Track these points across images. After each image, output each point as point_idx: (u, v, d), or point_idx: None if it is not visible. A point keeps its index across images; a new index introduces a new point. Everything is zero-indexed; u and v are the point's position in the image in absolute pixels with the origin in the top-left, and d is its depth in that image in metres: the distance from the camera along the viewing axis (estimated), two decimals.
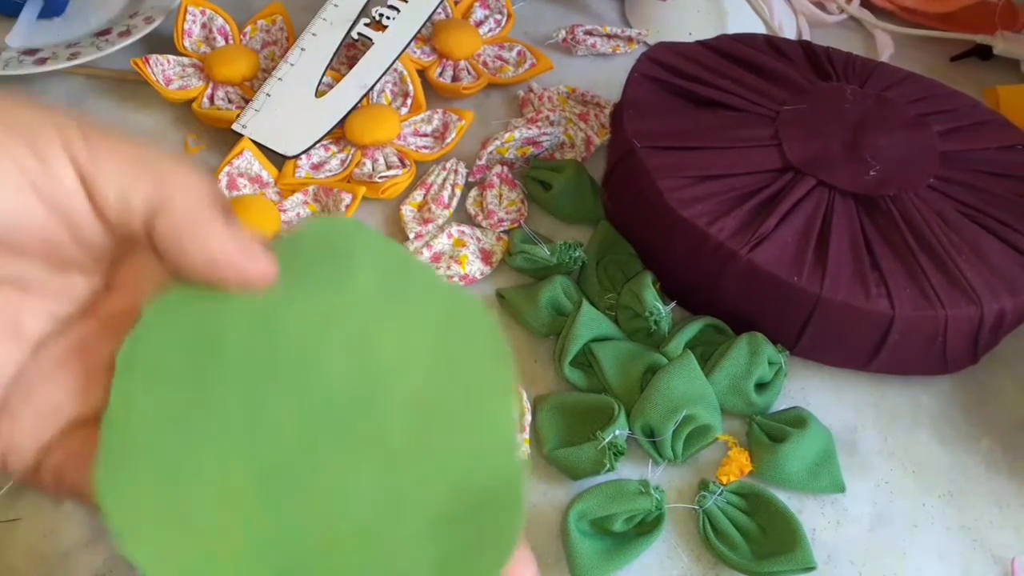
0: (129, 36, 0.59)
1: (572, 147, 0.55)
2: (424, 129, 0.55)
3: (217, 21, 0.60)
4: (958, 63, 0.66)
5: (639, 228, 0.49)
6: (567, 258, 0.47)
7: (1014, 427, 0.45)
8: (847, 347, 0.44)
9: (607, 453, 0.40)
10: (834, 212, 0.45)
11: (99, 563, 0.38)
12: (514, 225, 0.51)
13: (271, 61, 0.59)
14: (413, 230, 0.50)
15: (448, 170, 0.52)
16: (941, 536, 0.41)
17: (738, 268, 0.43)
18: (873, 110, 0.50)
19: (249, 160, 0.51)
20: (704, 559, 0.40)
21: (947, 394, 0.46)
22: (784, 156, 0.47)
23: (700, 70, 0.52)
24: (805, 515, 0.41)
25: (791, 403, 0.45)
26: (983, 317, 0.42)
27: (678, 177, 0.46)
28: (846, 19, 0.70)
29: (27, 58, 0.57)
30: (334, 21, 0.57)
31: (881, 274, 0.43)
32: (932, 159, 0.48)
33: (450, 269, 0.48)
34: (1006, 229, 0.45)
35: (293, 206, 0.50)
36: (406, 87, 0.57)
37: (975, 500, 0.42)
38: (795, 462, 0.41)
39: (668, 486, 0.41)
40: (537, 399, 0.44)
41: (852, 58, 0.54)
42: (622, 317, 0.46)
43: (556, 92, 0.59)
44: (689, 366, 0.42)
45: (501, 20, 0.64)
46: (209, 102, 0.56)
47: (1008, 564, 0.40)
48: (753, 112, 0.50)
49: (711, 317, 0.46)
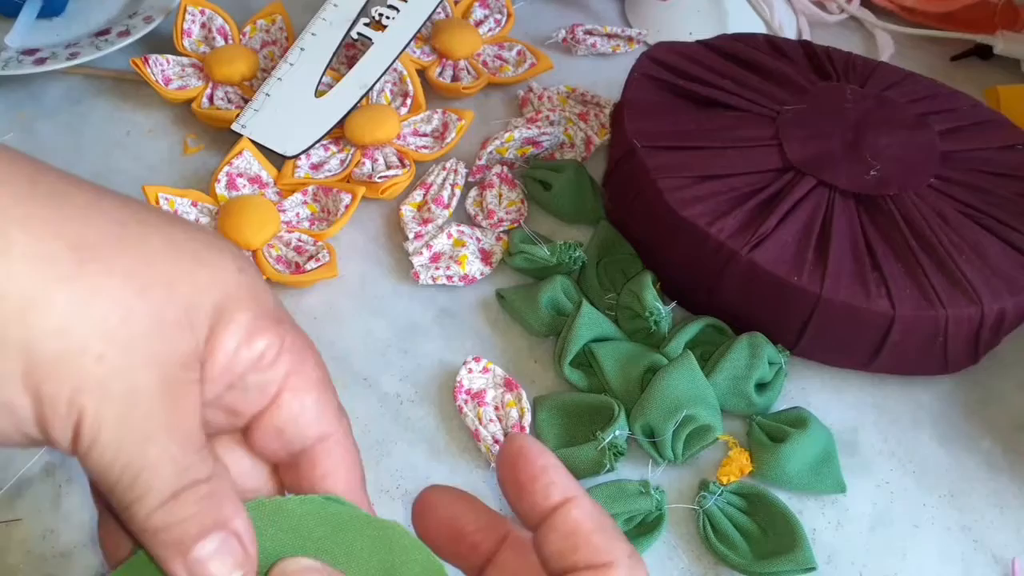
0: (128, 36, 0.58)
1: (572, 147, 0.55)
2: (424, 129, 0.55)
3: (216, 21, 0.60)
4: (958, 63, 0.66)
5: (639, 228, 0.49)
6: (567, 258, 0.47)
7: (1014, 427, 0.45)
8: (847, 347, 0.44)
9: (607, 453, 0.40)
10: (834, 212, 0.45)
11: (99, 563, 0.38)
12: (514, 225, 0.51)
13: (270, 61, 0.59)
14: (413, 230, 0.50)
15: (448, 170, 0.52)
16: (941, 536, 0.41)
17: (738, 268, 0.43)
18: (873, 110, 0.50)
19: (248, 160, 0.51)
20: (704, 559, 0.39)
21: (947, 394, 0.46)
22: (784, 156, 0.47)
23: (700, 70, 0.52)
24: (805, 515, 0.41)
25: (791, 403, 0.45)
26: (983, 317, 0.42)
27: (678, 177, 0.46)
28: (846, 19, 0.70)
29: (26, 58, 0.57)
30: (334, 21, 0.57)
31: (881, 274, 0.43)
32: (932, 159, 0.48)
33: (450, 269, 0.48)
34: (1006, 229, 0.45)
35: (292, 206, 0.50)
36: (406, 87, 0.57)
37: (975, 500, 0.42)
38: (795, 462, 0.41)
39: (668, 486, 0.41)
40: (537, 399, 0.44)
41: (852, 58, 0.54)
42: (622, 317, 0.46)
43: (556, 92, 0.59)
44: (689, 366, 0.42)
45: (501, 20, 0.64)
46: (208, 102, 0.56)
47: (1008, 564, 0.40)
48: (753, 112, 0.49)
49: (711, 317, 0.46)
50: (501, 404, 0.43)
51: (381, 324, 0.47)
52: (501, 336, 0.47)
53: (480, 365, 0.44)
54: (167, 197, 0.48)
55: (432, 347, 0.46)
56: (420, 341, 0.47)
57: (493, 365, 0.45)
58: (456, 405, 0.43)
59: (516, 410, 0.43)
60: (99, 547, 0.23)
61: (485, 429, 0.42)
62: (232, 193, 0.50)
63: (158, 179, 0.53)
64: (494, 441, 0.41)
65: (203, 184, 0.52)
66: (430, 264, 0.48)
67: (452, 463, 0.42)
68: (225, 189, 0.50)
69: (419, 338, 0.47)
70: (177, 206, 0.49)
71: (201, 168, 0.54)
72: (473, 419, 0.42)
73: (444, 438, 0.43)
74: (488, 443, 0.42)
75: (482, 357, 0.45)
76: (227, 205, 0.49)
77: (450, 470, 0.42)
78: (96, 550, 0.38)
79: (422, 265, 0.48)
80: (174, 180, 0.53)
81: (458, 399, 0.43)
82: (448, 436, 0.43)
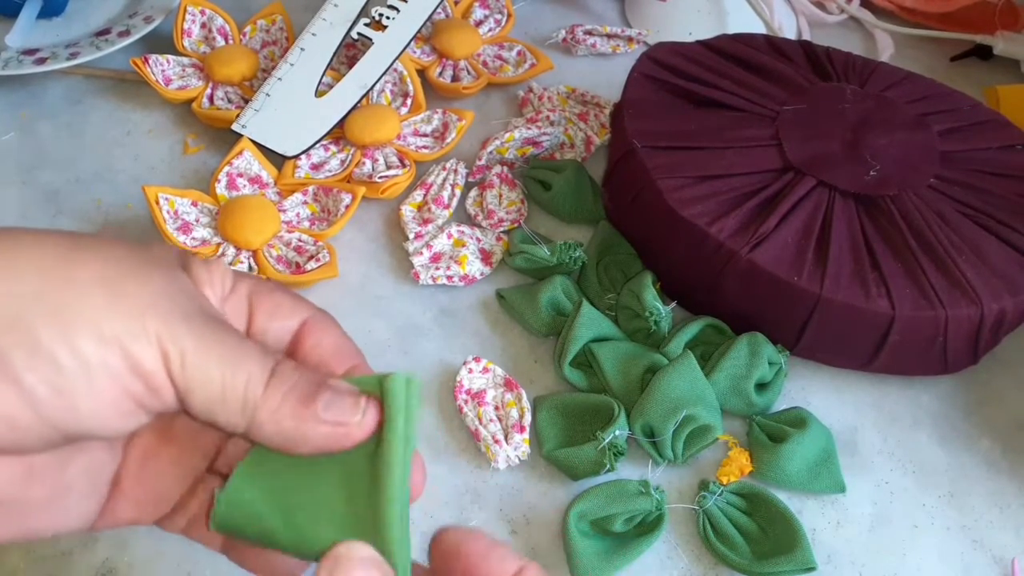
0: (128, 36, 0.58)
1: (572, 147, 0.55)
2: (424, 129, 0.55)
3: (217, 21, 0.60)
4: (958, 63, 0.66)
5: (639, 228, 0.49)
6: (567, 258, 0.47)
7: (1014, 427, 0.45)
8: (847, 347, 0.44)
9: (607, 453, 0.40)
10: (834, 212, 0.45)
11: (99, 563, 0.38)
12: (514, 225, 0.51)
13: (271, 61, 0.59)
14: (413, 230, 0.50)
15: (448, 170, 0.52)
16: (941, 536, 0.41)
17: (738, 268, 0.43)
18: (873, 110, 0.50)
19: (249, 160, 0.51)
20: (704, 559, 0.39)
21: (947, 394, 0.46)
22: (784, 156, 0.47)
23: (700, 70, 0.52)
24: (805, 515, 0.41)
25: (791, 403, 0.45)
26: (983, 317, 0.42)
27: (678, 177, 0.46)
28: (846, 19, 0.70)
29: (27, 58, 0.57)
30: (334, 21, 0.57)
31: (881, 274, 0.43)
32: (932, 159, 0.48)
33: (450, 269, 0.48)
34: (1006, 229, 0.45)
35: (293, 206, 0.50)
36: (406, 87, 0.57)
37: (975, 500, 0.42)
38: (795, 462, 0.41)
39: (668, 486, 0.41)
40: (537, 399, 0.44)
41: (852, 58, 0.54)
42: (622, 317, 0.46)
43: (556, 92, 0.59)
44: (689, 366, 0.42)
45: (501, 20, 0.64)
46: (209, 102, 0.56)
47: (1008, 564, 0.40)
48: (753, 112, 0.49)
49: (711, 317, 0.46)
50: (501, 404, 0.43)
51: (381, 324, 0.47)
52: (501, 336, 0.47)
53: (480, 365, 0.44)
54: (167, 197, 0.48)
55: (432, 347, 0.46)
56: (420, 341, 0.47)
57: (493, 365, 0.45)
58: (456, 405, 0.43)
59: (516, 410, 0.43)
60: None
61: (485, 429, 0.42)
62: (232, 193, 0.50)
63: (158, 179, 0.54)
64: (494, 441, 0.41)
65: (203, 184, 0.52)
66: (430, 264, 0.48)
67: (452, 463, 0.42)
68: (225, 189, 0.50)
69: (419, 338, 0.47)
70: (177, 206, 0.49)
71: (201, 168, 0.54)
72: (473, 419, 0.42)
73: (444, 438, 0.43)
74: (488, 443, 0.42)
75: (482, 357, 0.45)
76: (227, 205, 0.49)
77: (450, 470, 0.42)
78: (96, 550, 0.38)
79: (422, 265, 0.48)
80: (174, 180, 0.53)
81: (458, 399, 0.43)
82: (448, 436, 0.43)
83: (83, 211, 0.52)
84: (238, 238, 0.47)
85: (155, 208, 0.47)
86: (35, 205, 0.52)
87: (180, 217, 0.48)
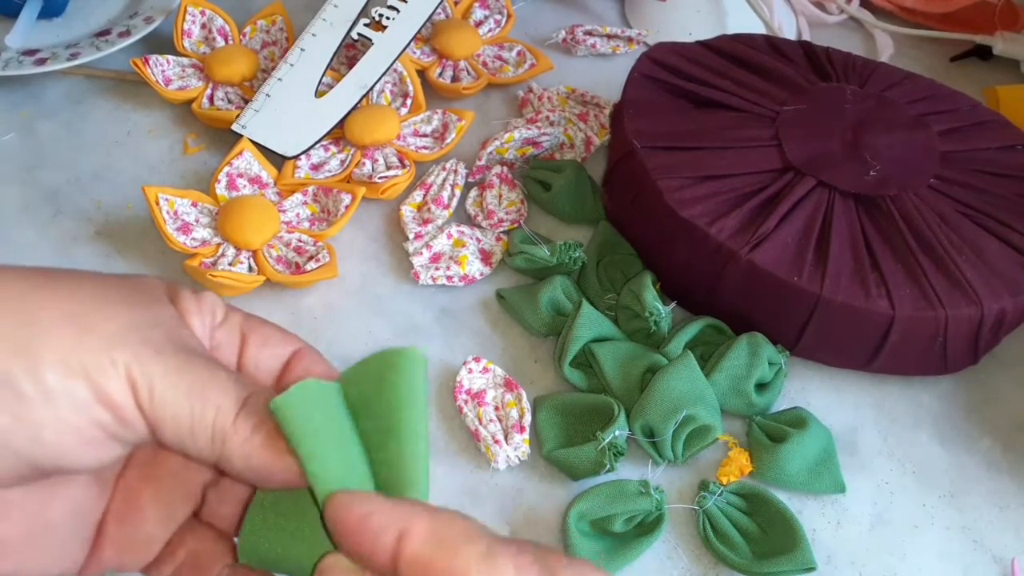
0: (129, 36, 0.59)
1: (572, 147, 0.55)
2: (424, 129, 0.55)
3: (217, 21, 0.60)
4: (958, 63, 0.66)
5: (639, 228, 0.49)
6: (567, 258, 0.47)
7: (1014, 427, 0.45)
8: (847, 347, 0.44)
9: (607, 453, 0.40)
10: (834, 212, 0.45)
11: None
12: (514, 225, 0.51)
13: (271, 61, 0.59)
14: (413, 230, 0.50)
15: (448, 170, 0.52)
16: (941, 536, 0.41)
17: (738, 268, 0.43)
18: (873, 110, 0.50)
19: (248, 160, 0.51)
20: (704, 559, 0.39)
21: (947, 394, 0.46)
22: (784, 156, 0.47)
23: (700, 70, 0.52)
24: (805, 515, 0.41)
25: (791, 403, 0.45)
26: (983, 317, 0.42)
27: (678, 177, 0.46)
28: (846, 19, 0.70)
29: (27, 58, 0.57)
30: (334, 21, 0.57)
31: (881, 274, 0.43)
32: (932, 159, 0.48)
33: (450, 270, 0.48)
34: (1006, 229, 0.45)
35: (292, 206, 0.50)
36: (406, 87, 0.57)
37: (975, 500, 0.42)
38: (795, 462, 0.41)
39: (668, 486, 0.41)
40: (537, 399, 0.44)
41: (852, 58, 0.54)
42: (622, 317, 0.46)
43: (556, 92, 0.59)
44: (689, 366, 0.42)
45: (501, 20, 0.64)
46: (209, 102, 0.56)
47: (1008, 564, 0.40)
48: (753, 112, 0.50)
49: (711, 317, 0.46)
50: (501, 404, 0.43)
51: (381, 324, 0.47)
52: (501, 336, 0.47)
53: (480, 365, 0.44)
54: (167, 197, 0.48)
55: (432, 347, 0.46)
56: (420, 341, 0.47)
57: (493, 365, 0.45)
58: (456, 405, 0.43)
59: (516, 410, 0.43)
60: None
61: (485, 429, 0.42)
62: (232, 193, 0.50)
63: (158, 179, 0.54)
64: (494, 441, 0.41)
65: (203, 184, 0.52)
66: (430, 264, 0.48)
67: (452, 463, 0.42)
68: (225, 189, 0.50)
69: (419, 338, 0.47)
70: (177, 206, 0.49)
71: (201, 168, 0.54)
72: (473, 419, 0.42)
73: (444, 438, 0.43)
74: (488, 443, 0.42)
75: (482, 357, 0.45)
76: (227, 205, 0.49)
77: (450, 470, 0.42)
78: None
79: (422, 265, 0.48)
80: (174, 180, 0.53)
81: (458, 399, 0.43)
82: (448, 436, 0.43)
83: (83, 211, 0.52)
84: (238, 238, 0.47)
85: (155, 208, 0.47)
86: (35, 205, 0.52)
87: (180, 217, 0.48)
